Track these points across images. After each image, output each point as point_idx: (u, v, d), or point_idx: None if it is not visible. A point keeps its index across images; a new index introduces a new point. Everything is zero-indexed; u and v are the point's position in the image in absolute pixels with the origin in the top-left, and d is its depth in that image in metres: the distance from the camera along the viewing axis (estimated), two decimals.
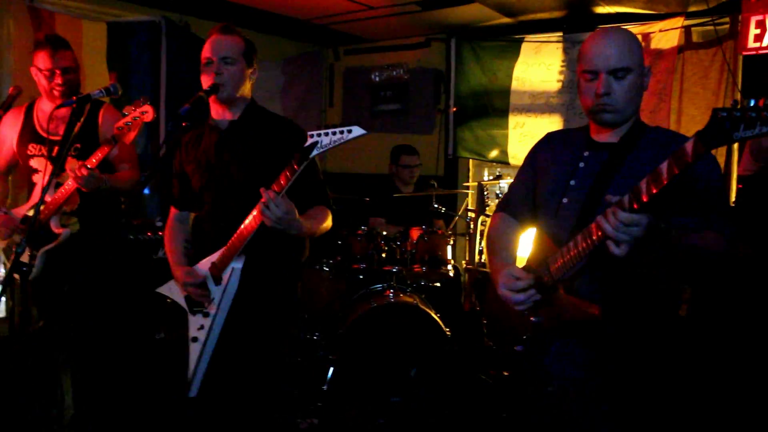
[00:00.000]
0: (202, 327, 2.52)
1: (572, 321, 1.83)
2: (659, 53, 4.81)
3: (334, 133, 2.13)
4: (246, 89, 2.62)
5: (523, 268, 1.98)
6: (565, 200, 1.98)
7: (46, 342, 3.16)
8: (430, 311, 4.15)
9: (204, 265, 2.54)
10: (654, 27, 4.85)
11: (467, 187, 5.79)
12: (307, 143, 2.15)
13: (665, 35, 4.81)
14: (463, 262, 5.23)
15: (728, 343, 3.29)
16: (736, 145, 4.41)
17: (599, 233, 1.68)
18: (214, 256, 2.50)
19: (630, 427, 1.92)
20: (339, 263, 4.58)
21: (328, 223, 2.59)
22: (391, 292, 4.26)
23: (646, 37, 4.88)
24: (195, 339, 2.53)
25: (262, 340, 2.57)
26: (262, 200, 2.21)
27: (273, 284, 2.59)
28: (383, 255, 4.56)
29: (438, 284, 4.72)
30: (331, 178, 6.44)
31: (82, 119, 3.10)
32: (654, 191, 1.55)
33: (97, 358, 3.27)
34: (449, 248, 4.66)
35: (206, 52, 2.54)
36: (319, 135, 2.14)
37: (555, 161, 2.09)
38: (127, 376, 3.60)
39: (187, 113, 2.44)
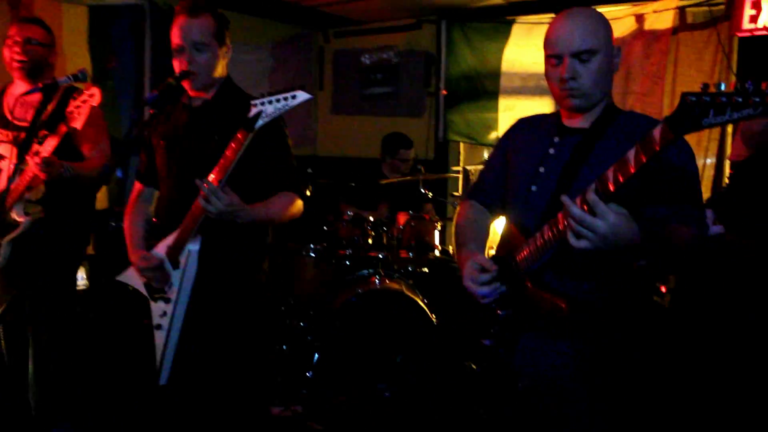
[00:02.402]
0: (164, 313, 2.41)
1: (539, 315, 1.76)
2: (653, 35, 4.71)
3: (278, 100, 2.03)
4: (220, 70, 2.49)
5: (490, 259, 1.91)
6: (533, 188, 1.89)
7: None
8: (416, 298, 4.09)
9: (161, 248, 2.42)
10: (648, 8, 4.75)
11: (458, 172, 5.70)
12: (251, 113, 2.04)
13: (659, 16, 4.70)
14: (450, 247, 5.16)
15: (718, 335, 3.19)
16: (729, 129, 4.33)
17: (566, 223, 1.61)
18: (170, 239, 2.38)
19: (604, 424, 1.86)
20: (325, 249, 4.51)
21: (294, 210, 2.46)
22: (377, 279, 4.19)
23: (640, 18, 4.79)
24: (159, 326, 2.42)
25: (227, 324, 2.47)
26: (201, 193, 2.09)
27: (234, 266, 2.47)
28: (369, 240, 4.49)
29: (426, 270, 4.66)
30: (320, 161, 6.38)
31: (49, 106, 3.03)
32: (621, 180, 1.47)
33: (63, 344, 3.20)
34: (437, 233, 4.59)
35: (175, 37, 2.37)
36: (263, 104, 2.04)
37: (525, 147, 2.00)
38: (101, 366, 3.56)
39: (154, 100, 2.36)
